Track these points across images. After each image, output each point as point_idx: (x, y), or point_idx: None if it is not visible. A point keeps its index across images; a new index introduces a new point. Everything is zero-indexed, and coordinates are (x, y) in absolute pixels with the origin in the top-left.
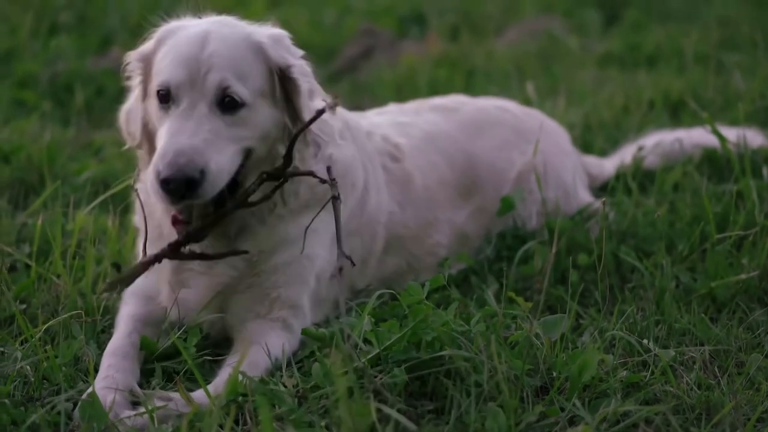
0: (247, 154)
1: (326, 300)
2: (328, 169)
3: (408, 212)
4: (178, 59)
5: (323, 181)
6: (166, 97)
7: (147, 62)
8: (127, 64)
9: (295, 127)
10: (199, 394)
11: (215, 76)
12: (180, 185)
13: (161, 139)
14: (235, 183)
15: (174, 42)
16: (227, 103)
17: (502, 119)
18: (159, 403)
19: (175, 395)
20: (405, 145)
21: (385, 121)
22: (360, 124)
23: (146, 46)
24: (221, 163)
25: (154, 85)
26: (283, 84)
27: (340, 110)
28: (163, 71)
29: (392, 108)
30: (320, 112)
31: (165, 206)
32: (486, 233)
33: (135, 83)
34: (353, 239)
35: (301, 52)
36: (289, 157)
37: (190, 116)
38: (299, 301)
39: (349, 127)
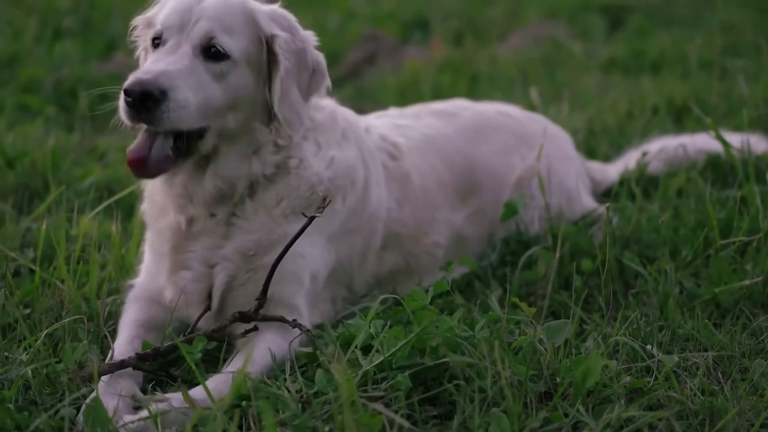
0: (216, 118)
1: (324, 300)
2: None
3: (406, 210)
4: (174, 8)
5: (293, 324)
6: (157, 43)
7: (151, 26)
8: (134, 29)
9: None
10: (199, 394)
11: (203, 24)
12: (136, 98)
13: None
14: (189, 144)
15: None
16: (212, 54)
17: (503, 124)
18: (158, 405)
19: (173, 395)
20: (403, 144)
21: (384, 123)
22: (357, 120)
23: (151, 11)
24: (189, 98)
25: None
26: (270, 59)
27: (340, 108)
28: (159, 20)
29: (393, 112)
30: (310, 220)
31: (126, 123)
32: (486, 237)
33: (140, 50)
34: (354, 236)
35: (306, 36)
36: (264, 295)
37: (172, 53)
38: (294, 300)
39: (349, 122)
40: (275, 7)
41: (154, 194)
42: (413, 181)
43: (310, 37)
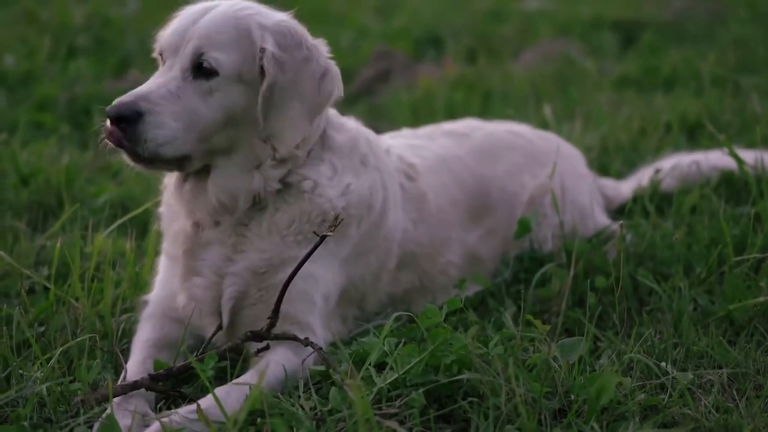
0: (202, 141)
1: (335, 319)
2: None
3: (421, 230)
4: (172, 29)
5: (306, 342)
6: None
7: None
8: (155, 46)
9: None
10: (211, 409)
11: (194, 43)
12: (112, 119)
13: None
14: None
15: (179, 16)
16: (202, 70)
17: (514, 143)
18: (171, 421)
19: (185, 410)
20: (419, 165)
21: (400, 143)
22: (379, 142)
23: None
24: (168, 123)
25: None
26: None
27: (363, 131)
28: (160, 40)
29: (406, 132)
30: (321, 239)
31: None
32: (500, 256)
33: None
34: (368, 257)
35: (313, 44)
36: (276, 314)
37: (164, 75)
38: (306, 318)
39: (371, 146)
40: (280, 19)
41: (170, 198)
42: (429, 201)
43: (319, 45)
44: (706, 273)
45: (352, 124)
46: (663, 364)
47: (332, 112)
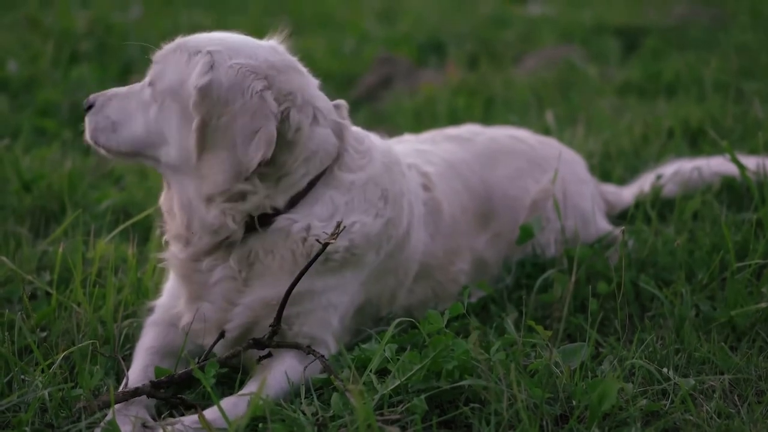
0: (145, 147)
1: (348, 332)
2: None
3: (438, 242)
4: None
5: (308, 351)
6: None
7: None
8: None
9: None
10: (213, 416)
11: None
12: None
13: None
14: None
15: None
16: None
17: (516, 148)
18: (173, 429)
19: (186, 419)
20: (433, 173)
21: (407, 149)
22: (399, 158)
23: None
24: (109, 116)
25: None
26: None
27: (388, 152)
28: None
29: (408, 137)
30: (324, 246)
31: None
32: (503, 260)
33: None
34: (388, 277)
35: (250, 97)
36: (278, 321)
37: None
38: (322, 335)
39: (392, 174)
40: (240, 62)
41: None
42: (444, 211)
43: (268, 97)
44: (708, 279)
45: (377, 149)
46: (665, 369)
47: (355, 132)
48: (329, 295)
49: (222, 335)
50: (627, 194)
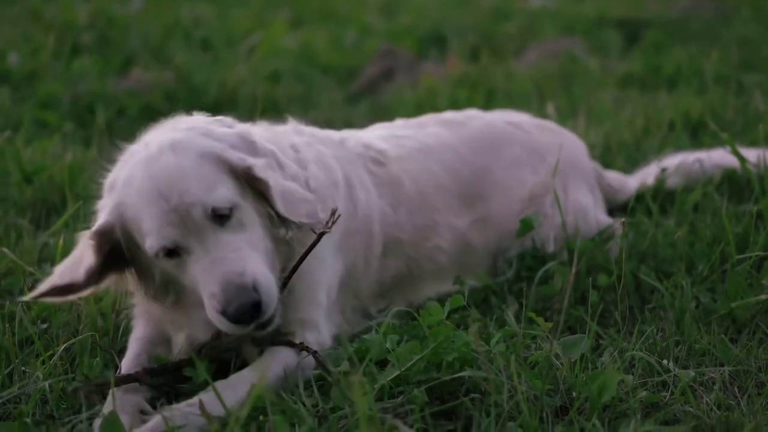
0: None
1: (336, 311)
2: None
3: (401, 214)
4: (157, 221)
5: (301, 347)
6: (171, 253)
7: (108, 236)
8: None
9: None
10: (211, 404)
11: (197, 211)
12: (246, 310)
13: (200, 283)
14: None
15: (138, 203)
16: (222, 218)
17: (512, 135)
18: (171, 416)
19: (183, 406)
20: (390, 151)
21: (376, 134)
22: (331, 136)
23: (104, 222)
24: (259, 268)
25: (146, 247)
26: (252, 183)
27: (309, 130)
28: (151, 236)
29: (398, 123)
30: (320, 236)
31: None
32: (495, 248)
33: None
34: (354, 238)
35: (266, 150)
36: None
37: (207, 253)
38: (311, 316)
39: (322, 143)
40: (234, 132)
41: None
42: (405, 186)
43: (263, 148)
44: (708, 271)
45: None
46: (665, 361)
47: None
48: (316, 272)
49: (218, 335)
50: (632, 183)
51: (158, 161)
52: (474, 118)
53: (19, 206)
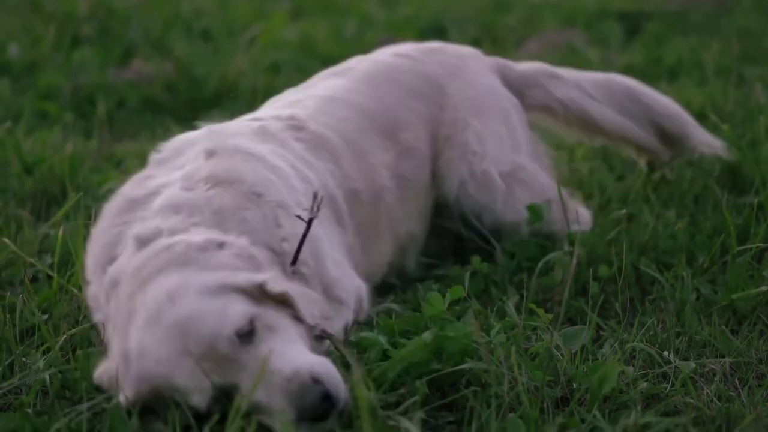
0: None
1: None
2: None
3: (344, 166)
4: (192, 378)
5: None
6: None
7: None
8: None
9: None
10: None
11: (223, 345)
12: (318, 404)
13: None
14: None
15: (164, 372)
16: (249, 335)
17: (402, 65)
18: None
19: None
20: (300, 114)
21: (277, 106)
22: (249, 133)
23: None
24: (308, 358)
25: (193, 404)
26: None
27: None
28: (194, 395)
29: (287, 92)
30: (309, 222)
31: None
32: (431, 179)
33: None
34: (325, 210)
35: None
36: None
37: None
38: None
39: (253, 157)
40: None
41: None
42: (332, 139)
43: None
44: (709, 262)
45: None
46: (665, 353)
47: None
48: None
49: None
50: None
51: (162, 322)
52: (360, 60)
53: (20, 197)
